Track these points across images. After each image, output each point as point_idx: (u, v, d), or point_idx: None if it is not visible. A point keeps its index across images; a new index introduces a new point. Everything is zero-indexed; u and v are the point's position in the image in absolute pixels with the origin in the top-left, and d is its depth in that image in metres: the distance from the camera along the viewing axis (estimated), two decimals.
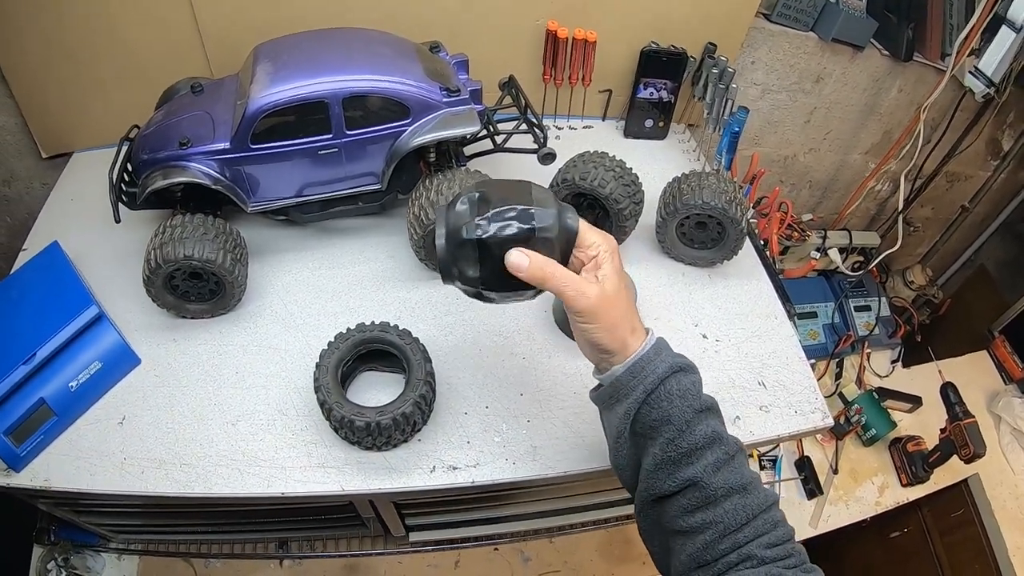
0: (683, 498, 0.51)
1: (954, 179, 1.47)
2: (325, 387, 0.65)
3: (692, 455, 0.51)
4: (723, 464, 0.51)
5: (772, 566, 0.48)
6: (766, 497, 0.52)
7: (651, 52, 1.02)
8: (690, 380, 0.54)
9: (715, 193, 0.82)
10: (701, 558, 0.50)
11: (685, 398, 0.52)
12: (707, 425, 0.52)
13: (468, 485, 0.68)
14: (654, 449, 0.52)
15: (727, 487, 0.50)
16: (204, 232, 0.73)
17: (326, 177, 0.79)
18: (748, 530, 0.49)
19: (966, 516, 1.33)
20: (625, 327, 0.54)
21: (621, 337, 0.54)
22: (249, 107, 0.71)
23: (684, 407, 0.52)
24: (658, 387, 0.52)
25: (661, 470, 0.52)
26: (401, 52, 0.78)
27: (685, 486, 0.51)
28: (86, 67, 0.92)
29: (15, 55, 0.89)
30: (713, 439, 0.52)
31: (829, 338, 1.40)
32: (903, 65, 1.20)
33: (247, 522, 0.94)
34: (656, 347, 0.55)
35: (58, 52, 0.89)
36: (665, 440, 0.52)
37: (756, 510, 0.50)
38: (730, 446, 0.53)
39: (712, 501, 0.50)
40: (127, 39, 0.90)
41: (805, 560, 0.50)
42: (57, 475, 0.68)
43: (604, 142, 1.01)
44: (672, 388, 0.52)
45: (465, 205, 0.52)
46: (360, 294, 0.84)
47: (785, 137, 1.31)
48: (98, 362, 0.73)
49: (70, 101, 0.96)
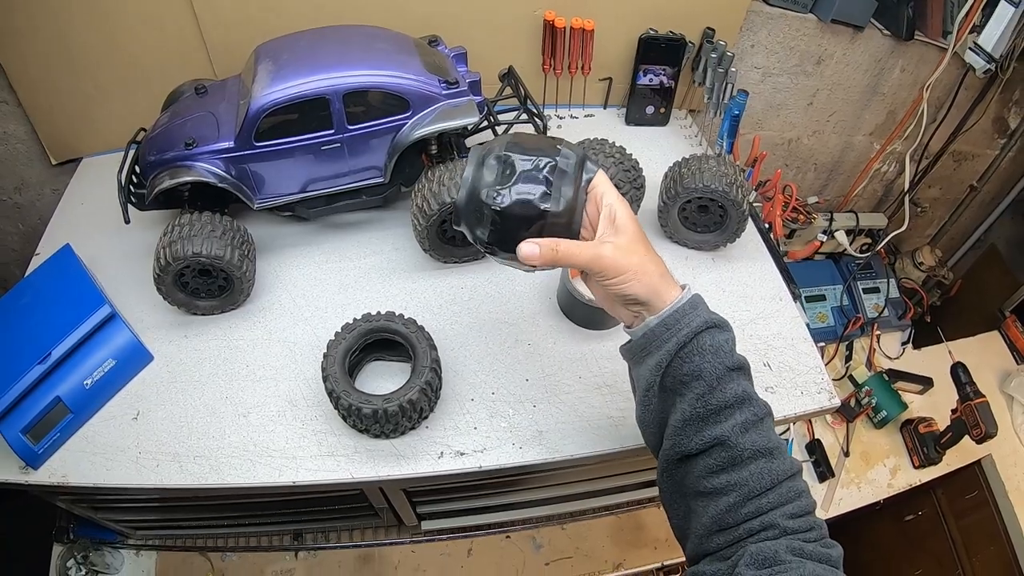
0: (708, 458, 0.50)
1: (961, 158, 1.45)
2: (333, 376, 0.66)
3: (721, 413, 0.50)
4: (751, 425, 0.50)
5: (793, 539, 0.47)
6: (791, 465, 0.51)
7: (649, 39, 1.02)
8: (724, 337, 0.52)
9: (716, 176, 0.82)
10: (723, 521, 0.49)
11: (718, 354, 0.51)
12: (738, 384, 0.51)
13: (476, 470, 0.69)
14: (683, 405, 0.51)
15: (754, 449, 0.49)
16: (212, 229, 0.74)
17: (330, 172, 0.80)
18: (772, 496, 0.48)
19: (980, 498, 1.32)
20: (652, 271, 0.53)
21: (650, 283, 0.52)
22: (252, 106, 0.72)
23: (716, 363, 0.50)
24: (692, 340, 0.51)
25: (689, 426, 0.51)
26: (400, 47, 0.79)
27: (712, 445, 0.50)
28: (91, 73, 0.93)
29: (21, 64, 0.91)
30: (743, 399, 0.51)
31: (838, 321, 1.39)
32: (905, 44, 1.19)
33: (262, 514, 0.95)
34: (692, 301, 0.53)
35: (63, 60, 0.91)
36: (695, 396, 0.50)
37: (781, 476, 0.49)
38: (759, 408, 0.52)
39: (738, 462, 0.49)
40: (131, 44, 0.92)
41: (826, 535, 0.49)
42: (74, 471, 0.69)
43: (606, 130, 1.02)
44: (705, 343, 0.51)
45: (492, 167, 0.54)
46: (366, 286, 0.85)
47: (788, 120, 1.31)
48: (112, 360, 0.75)
49: (77, 108, 0.97)
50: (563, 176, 0.53)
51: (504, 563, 1.04)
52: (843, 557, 0.48)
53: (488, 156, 0.54)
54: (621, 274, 0.52)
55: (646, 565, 1.07)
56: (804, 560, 0.45)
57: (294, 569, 1.01)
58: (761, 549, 0.45)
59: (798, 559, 0.45)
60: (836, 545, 0.48)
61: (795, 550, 0.45)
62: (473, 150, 0.56)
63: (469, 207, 0.55)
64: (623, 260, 0.52)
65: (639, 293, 0.52)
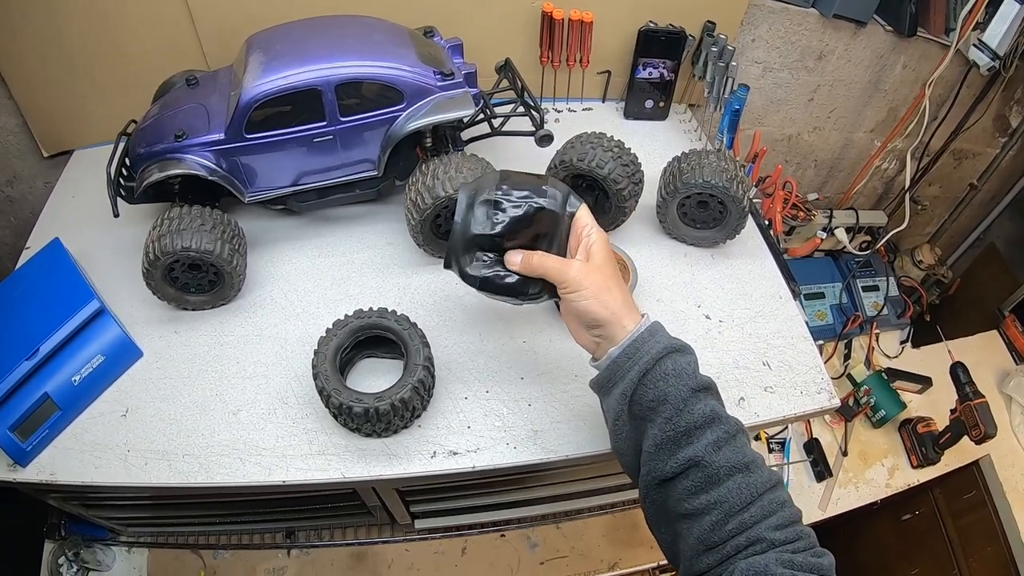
0: (686, 479, 0.51)
1: (962, 157, 1.44)
2: (324, 374, 0.65)
3: (691, 434, 0.51)
4: (724, 443, 0.51)
5: (782, 551, 0.47)
6: (769, 477, 0.51)
7: (649, 32, 1.01)
8: (686, 360, 0.55)
9: (716, 171, 0.81)
10: (708, 540, 0.49)
11: (681, 377, 0.53)
12: (705, 404, 0.52)
13: (469, 470, 0.68)
14: (653, 430, 0.52)
15: (729, 465, 0.50)
16: (202, 223, 0.73)
17: (322, 165, 0.79)
18: (754, 510, 0.49)
19: (977, 498, 1.31)
20: (614, 295, 0.56)
21: (609, 304, 0.56)
22: (242, 97, 0.71)
23: (680, 386, 0.52)
24: (654, 367, 0.53)
25: (662, 451, 0.52)
26: (394, 37, 0.78)
27: (687, 466, 0.51)
28: (83, 65, 0.92)
29: (13, 56, 0.90)
30: (712, 418, 0.52)
31: (837, 319, 1.38)
32: (907, 40, 1.18)
33: (254, 512, 0.95)
34: (651, 329, 0.56)
35: (55, 52, 0.90)
36: (663, 420, 0.52)
37: (760, 489, 0.50)
38: (730, 425, 0.53)
39: (715, 481, 0.50)
40: (123, 36, 0.90)
41: (815, 543, 0.49)
42: (63, 469, 0.68)
43: (604, 124, 1.01)
44: (668, 368, 0.53)
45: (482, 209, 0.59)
46: (359, 281, 0.84)
47: (788, 116, 1.30)
48: (101, 355, 0.74)
49: (69, 100, 0.96)
50: (551, 216, 0.59)
51: (498, 562, 1.03)
52: (837, 561, 0.48)
53: (477, 197, 0.59)
54: (581, 289, 0.56)
55: (641, 565, 1.06)
56: (796, 572, 0.45)
57: (286, 567, 1.00)
58: (751, 564, 0.46)
59: (790, 571, 0.45)
60: (827, 553, 0.48)
61: (785, 563, 0.45)
62: (462, 190, 0.60)
63: (465, 246, 0.60)
64: (585, 278, 0.56)
65: (596, 311, 0.56)
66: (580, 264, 0.57)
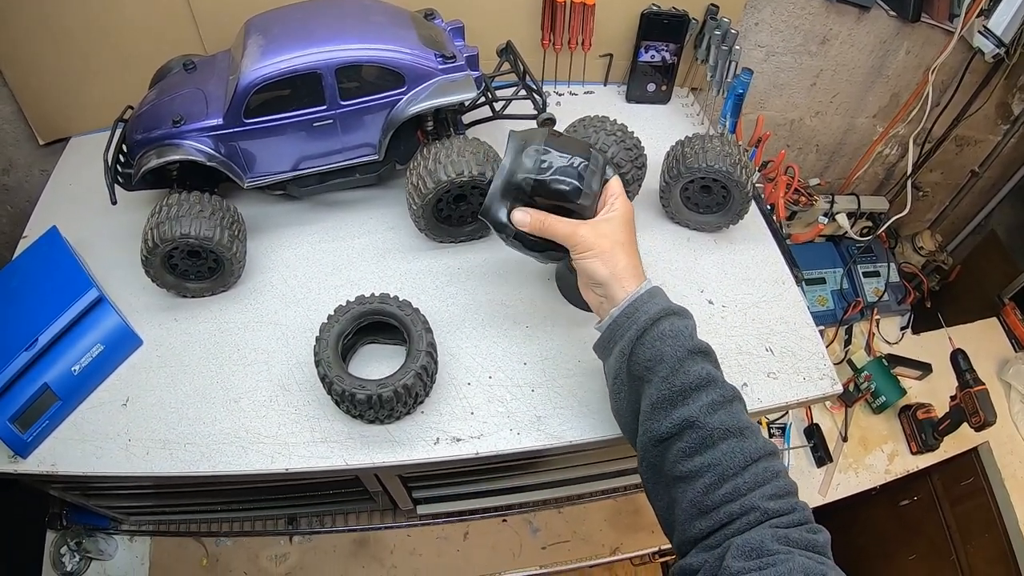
0: (680, 440, 0.52)
1: (963, 143, 1.43)
2: (326, 361, 0.65)
3: (686, 394, 0.52)
4: (719, 406, 0.52)
5: (777, 524, 0.47)
6: (764, 444, 0.52)
7: (652, 14, 0.99)
8: (683, 323, 0.56)
9: (719, 156, 0.80)
10: (701, 504, 0.49)
11: (677, 338, 0.54)
12: (700, 367, 0.53)
13: (472, 457, 0.68)
14: (650, 390, 0.54)
15: (723, 428, 0.51)
16: (201, 209, 0.72)
17: (322, 149, 0.78)
18: (747, 476, 0.49)
19: (976, 484, 1.32)
20: (620, 259, 0.58)
21: (614, 266, 0.58)
22: (241, 81, 0.70)
23: (676, 346, 0.54)
24: (651, 327, 0.55)
25: (658, 410, 0.53)
26: (395, 20, 0.76)
27: (681, 426, 0.52)
28: (79, 50, 0.91)
29: (7, 42, 0.88)
30: (707, 380, 0.53)
31: (838, 304, 1.38)
32: (911, 26, 1.17)
33: (256, 499, 0.95)
34: (650, 291, 0.58)
35: (50, 37, 0.88)
36: (660, 379, 0.53)
37: (754, 455, 0.50)
38: (726, 390, 0.54)
39: (708, 443, 0.51)
40: (119, 20, 0.89)
41: (810, 518, 0.49)
42: (64, 460, 0.68)
43: (606, 107, 0.99)
44: (664, 328, 0.55)
45: (532, 156, 0.61)
46: (361, 267, 0.83)
47: (791, 100, 1.29)
48: (100, 345, 0.73)
49: (65, 86, 0.95)
50: (593, 175, 0.61)
51: (501, 547, 1.04)
52: (834, 546, 0.48)
53: (528, 146, 0.62)
54: (588, 250, 0.59)
55: (643, 549, 1.07)
56: (792, 550, 0.45)
57: (289, 553, 1.00)
58: (747, 540, 0.46)
59: (786, 549, 0.45)
60: (822, 530, 0.48)
61: (780, 538, 0.45)
62: (512, 136, 0.63)
63: (506, 190, 0.62)
64: (594, 240, 0.59)
65: (600, 273, 0.58)
66: (590, 227, 0.60)
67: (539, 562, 1.04)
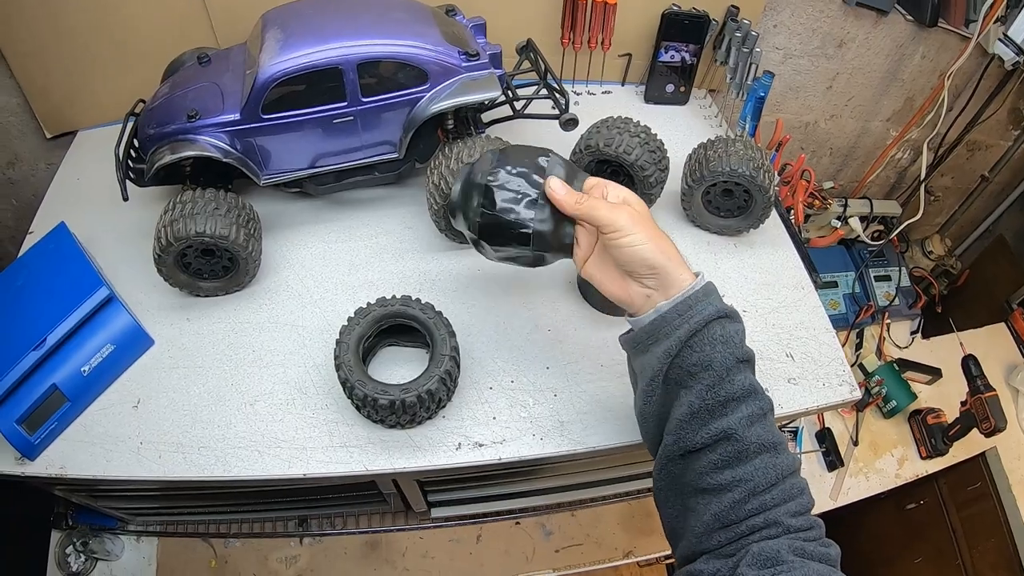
0: (713, 452, 0.49)
1: (975, 148, 1.43)
2: (347, 365, 0.63)
3: (728, 405, 0.50)
4: (757, 419, 0.50)
5: (795, 538, 0.46)
6: (793, 461, 0.51)
7: (673, 15, 0.98)
8: (735, 328, 0.52)
9: (743, 160, 0.79)
10: (726, 517, 0.48)
11: (728, 344, 0.50)
12: (745, 376, 0.51)
13: (495, 462, 0.67)
14: (690, 396, 0.50)
15: (759, 443, 0.49)
16: (216, 207, 0.70)
17: (341, 147, 0.77)
18: (775, 492, 0.48)
19: (983, 490, 1.32)
20: (667, 244, 0.53)
21: (666, 251, 0.52)
22: (259, 76, 0.68)
23: (727, 353, 0.50)
24: (703, 328, 0.50)
25: (696, 419, 0.50)
26: (417, 15, 0.75)
27: (718, 438, 0.49)
28: (88, 43, 0.89)
29: (15, 33, 0.86)
30: (750, 391, 0.50)
31: (850, 308, 1.37)
32: (927, 31, 1.16)
33: (267, 501, 0.93)
34: (706, 288, 0.52)
35: (58, 28, 0.87)
36: (704, 387, 0.50)
37: (784, 472, 0.49)
38: (764, 402, 0.51)
39: (743, 457, 0.49)
40: (129, 12, 0.87)
41: (823, 534, 0.49)
42: (72, 462, 0.67)
43: (624, 108, 0.98)
44: (716, 332, 0.50)
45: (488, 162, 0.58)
46: (378, 267, 0.82)
47: (806, 103, 1.28)
48: (110, 345, 0.72)
49: (73, 79, 0.93)
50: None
51: (513, 549, 1.03)
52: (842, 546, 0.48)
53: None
54: (633, 234, 0.52)
55: (656, 552, 1.06)
56: (806, 560, 0.44)
57: (299, 555, 0.99)
58: (763, 549, 0.45)
59: (800, 559, 0.44)
60: (834, 544, 0.48)
61: (796, 550, 0.45)
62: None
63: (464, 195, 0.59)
64: (639, 224, 0.52)
65: (653, 258, 0.52)
66: (630, 210, 0.53)
67: (552, 565, 1.03)
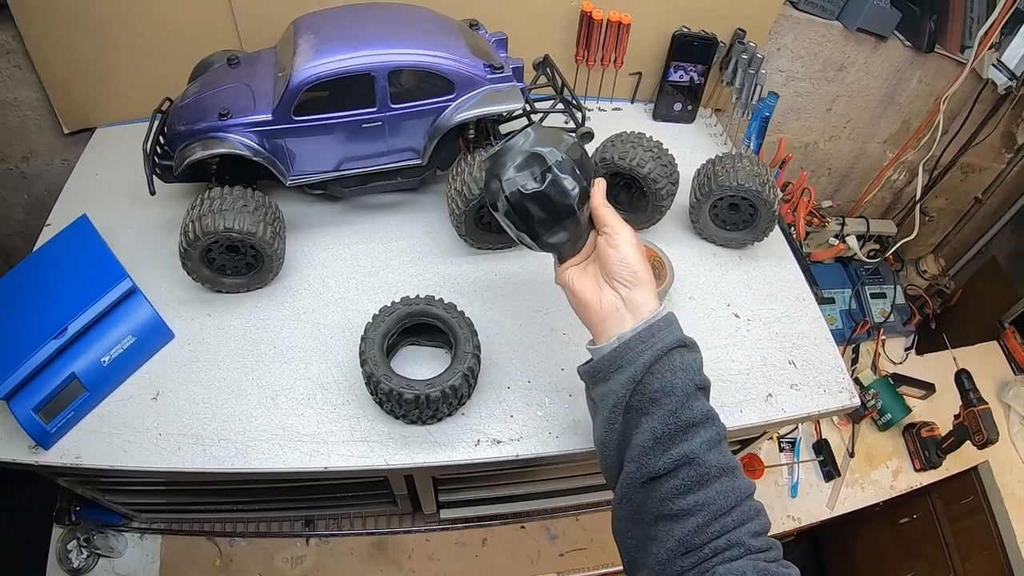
0: (675, 478, 0.50)
1: (969, 170, 1.48)
2: (372, 360, 0.65)
3: (689, 431, 0.51)
4: (715, 444, 0.51)
5: (758, 559, 0.47)
6: (749, 483, 0.52)
7: (682, 36, 1.02)
8: (693, 356, 0.54)
9: (749, 176, 0.82)
10: (690, 542, 0.48)
11: (688, 372, 0.52)
12: (702, 403, 0.53)
13: (513, 458, 0.68)
14: (652, 423, 0.51)
15: (719, 467, 0.50)
16: (244, 204, 0.72)
17: (367, 151, 0.79)
18: (736, 513, 0.49)
19: (975, 503, 1.34)
20: (649, 267, 0.57)
21: (647, 270, 0.56)
22: (293, 79, 0.71)
23: (687, 380, 0.52)
24: (664, 356, 0.52)
25: (658, 445, 0.51)
26: (444, 28, 0.78)
27: (680, 463, 0.50)
28: (112, 40, 0.90)
29: (38, 28, 0.87)
30: (708, 417, 0.52)
31: (846, 324, 1.41)
32: (924, 56, 1.21)
33: (275, 499, 0.94)
34: (667, 318, 0.55)
35: (83, 24, 0.88)
36: (665, 412, 0.51)
37: (742, 494, 0.50)
38: (721, 428, 0.53)
39: (705, 481, 0.50)
40: (156, 12, 0.89)
41: (781, 555, 0.50)
42: (89, 452, 0.67)
43: (633, 124, 1.01)
44: (677, 360, 0.52)
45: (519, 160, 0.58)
46: (398, 269, 0.84)
47: (807, 124, 1.32)
48: (131, 336, 0.72)
49: (94, 75, 0.94)
50: None
51: (519, 553, 1.04)
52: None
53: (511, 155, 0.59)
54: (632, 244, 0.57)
55: None
56: None
57: (305, 556, 0.99)
58: (730, 570, 0.46)
59: None
60: (793, 566, 0.49)
61: (761, 571, 0.46)
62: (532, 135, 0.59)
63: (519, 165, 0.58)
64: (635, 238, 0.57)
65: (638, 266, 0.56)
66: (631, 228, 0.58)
67: (556, 569, 1.04)
